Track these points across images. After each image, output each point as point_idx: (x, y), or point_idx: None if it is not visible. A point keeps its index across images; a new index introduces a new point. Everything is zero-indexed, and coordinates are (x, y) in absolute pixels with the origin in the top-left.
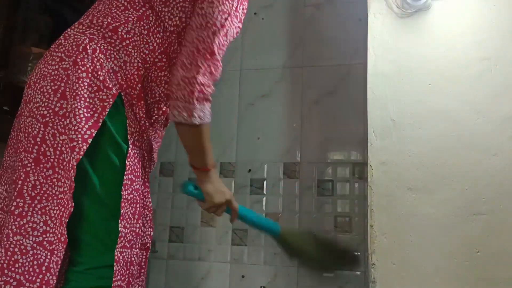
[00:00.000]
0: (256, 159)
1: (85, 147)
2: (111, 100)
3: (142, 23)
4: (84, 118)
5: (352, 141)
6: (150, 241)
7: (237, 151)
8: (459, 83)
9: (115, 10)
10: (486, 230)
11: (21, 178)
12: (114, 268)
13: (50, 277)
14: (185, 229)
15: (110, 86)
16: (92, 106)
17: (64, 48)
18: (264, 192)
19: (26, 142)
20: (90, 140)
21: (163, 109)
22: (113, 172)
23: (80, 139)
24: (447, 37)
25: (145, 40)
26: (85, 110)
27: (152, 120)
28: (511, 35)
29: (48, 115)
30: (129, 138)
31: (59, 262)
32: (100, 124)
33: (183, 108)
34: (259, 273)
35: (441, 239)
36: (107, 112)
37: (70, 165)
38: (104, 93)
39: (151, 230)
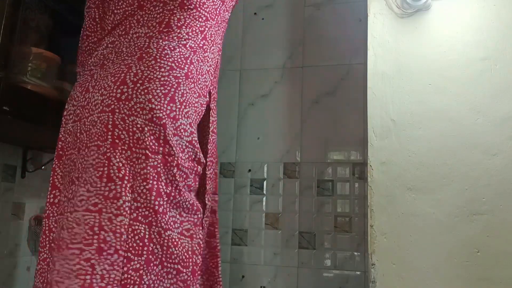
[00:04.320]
0: (256, 159)
1: (199, 150)
2: (205, 105)
3: (217, 29)
4: (195, 122)
5: (352, 141)
6: (216, 205)
7: (237, 151)
8: (459, 83)
9: (198, 19)
10: (486, 230)
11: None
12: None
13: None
14: None
15: (205, 93)
16: (198, 110)
17: (173, 59)
18: (264, 192)
19: (150, 144)
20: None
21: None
22: None
23: (196, 144)
24: (447, 37)
25: (218, 34)
26: (194, 115)
27: None
28: (511, 35)
29: (163, 117)
30: (210, 125)
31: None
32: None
33: None
34: (259, 273)
35: (441, 239)
36: (203, 115)
37: (195, 163)
38: (202, 100)
39: (216, 195)
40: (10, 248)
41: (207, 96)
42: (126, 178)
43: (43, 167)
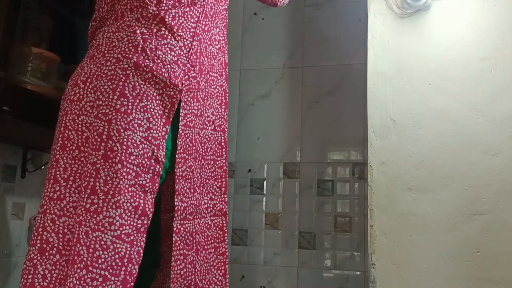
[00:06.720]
0: (256, 159)
1: (164, 144)
2: (178, 96)
3: (186, 10)
4: (158, 116)
5: (352, 141)
6: (226, 207)
7: (237, 151)
8: (459, 83)
9: (150, 5)
10: (486, 230)
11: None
12: (174, 239)
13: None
14: None
15: (176, 82)
16: (162, 103)
17: (120, 50)
18: (264, 192)
19: (92, 140)
20: (166, 137)
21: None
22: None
23: (160, 137)
24: (447, 37)
25: (188, 16)
26: (158, 108)
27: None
28: (511, 35)
29: (109, 113)
30: (181, 119)
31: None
32: (171, 120)
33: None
34: (259, 273)
35: (441, 239)
36: (176, 107)
37: (152, 161)
38: (171, 90)
39: (225, 196)
40: (10, 248)
41: (178, 87)
42: (72, 178)
43: (43, 167)
